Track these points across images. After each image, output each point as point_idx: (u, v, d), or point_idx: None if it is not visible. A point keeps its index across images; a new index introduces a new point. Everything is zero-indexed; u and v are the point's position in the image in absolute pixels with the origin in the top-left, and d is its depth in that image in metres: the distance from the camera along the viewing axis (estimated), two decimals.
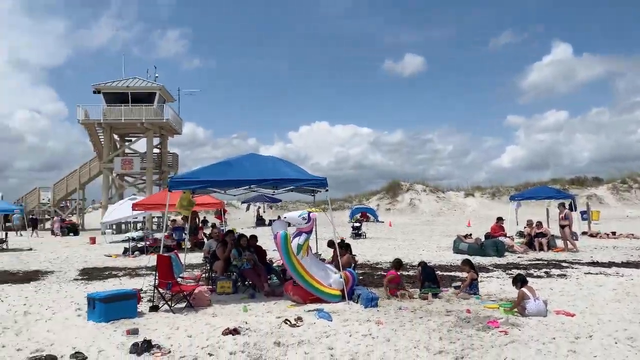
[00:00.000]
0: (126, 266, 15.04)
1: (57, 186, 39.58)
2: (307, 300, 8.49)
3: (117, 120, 35.91)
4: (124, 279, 12.32)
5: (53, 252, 19.78)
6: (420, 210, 49.54)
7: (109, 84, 36.32)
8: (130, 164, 36.84)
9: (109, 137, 37.03)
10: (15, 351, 5.89)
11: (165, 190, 21.40)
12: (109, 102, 36.03)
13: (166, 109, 37.42)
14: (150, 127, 36.53)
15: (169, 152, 41.21)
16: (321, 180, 9.38)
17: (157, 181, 39.38)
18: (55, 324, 7.36)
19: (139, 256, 18.12)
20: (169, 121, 37.19)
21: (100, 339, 6.40)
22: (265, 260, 10.90)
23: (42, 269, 14.63)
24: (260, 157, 10.57)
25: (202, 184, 9.27)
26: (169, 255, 8.53)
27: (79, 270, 14.08)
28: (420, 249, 18.82)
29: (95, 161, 38.72)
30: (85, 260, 16.78)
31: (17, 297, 9.75)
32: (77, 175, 39.44)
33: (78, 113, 36.00)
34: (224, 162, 9.98)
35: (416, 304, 8.34)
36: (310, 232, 9.03)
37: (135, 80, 37.13)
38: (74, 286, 11.20)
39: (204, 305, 8.41)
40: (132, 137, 39.67)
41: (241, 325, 6.91)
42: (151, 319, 7.51)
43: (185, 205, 9.78)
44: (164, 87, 37.48)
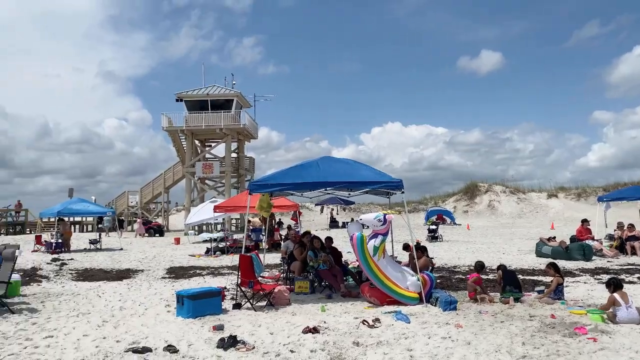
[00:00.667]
0: (209, 265, 15.74)
1: (144, 190, 42.04)
2: (384, 302, 8.53)
3: (197, 127, 37.58)
4: (208, 277, 12.92)
5: (142, 252, 21.07)
6: (499, 212, 47.79)
7: (190, 92, 38.09)
8: (210, 168, 38.42)
9: (190, 142, 38.82)
10: (115, 342, 6.39)
11: (243, 193, 22.25)
12: (190, 110, 37.79)
13: (243, 114, 38.68)
14: (228, 133, 37.91)
15: (245, 156, 42.56)
16: (397, 182, 9.38)
17: (235, 184, 40.75)
18: (148, 318, 7.89)
19: (220, 256, 18.90)
20: (246, 126, 38.41)
21: (189, 333, 6.80)
22: (340, 262, 11.05)
23: (132, 267, 15.65)
24: (335, 160, 10.72)
25: (281, 186, 9.58)
26: (250, 255, 8.87)
27: (166, 269, 14.92)
28: (500, 253, 18.23)
29: (179, 166, 40.73)
30: (171, 260, 17.74)
31: (112, 294, 10.52)
32: (162, 179, 41.70)
33: (162, 121, 38.08)
34: (300, 165, 10.23)
35: (497, 308, 8.13)
36: (387, 234, 9.05)
37: (214, 87, 38.69)
38: (163, 284, 11.91)
39: (283, 304, 8.68)
40: (212, 142, 41.34)
41: (320, 324, 7.07)
42: (235, 316, 7.87)
43: (265, 207, 10.14)
44: (241, 93, 38.78)
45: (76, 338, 6.64)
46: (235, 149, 41.07)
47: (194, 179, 39.28)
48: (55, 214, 22.55)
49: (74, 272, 14.42)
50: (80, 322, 7.68)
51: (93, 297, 10.16)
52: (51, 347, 6.23)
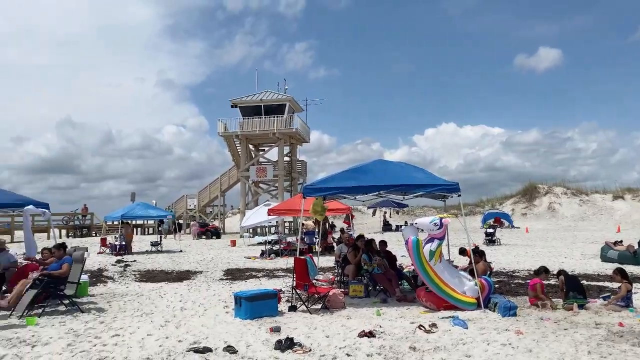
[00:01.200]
0: (264, 267, 16.01)
1: (201, 193, 43.27)
2: (440, 307, 8.41)
3: (251, 132, 38.34)
4: (263, 279, 13.15)
5: (200, 254, 21.69)
6: (560, 214, 45.93)
7: (244, 98, 38.92)
8: (264, 172, 39.10)
9: (245, 147, 39.64)
10: (177, 342, 6.63)
11: (297, 197, 22.48)
12: (245, 115, 38.62)
13: (295, 118, 39.10)
14: (281, 137, 38.45)
15: (298, 159, 43.01)
16: (453, 185, 9.23)
17: (288, 187, 41.24)
18: (208, 319, 8.13)
19: (274, 258, 19.18)
20: (298, 130, 38.81)
21: (247, 334, 6.95)
22: (395, 266, 10.97)
23: (191, 269, 16.15)
24: (389, 163, 10.69)
25: (334, 190, 9.63)
26: (304, 258, 8.97)
27: (223, 271, 15.30)
28: (561, 257, 17.53)
29: (234, 170, 41.67)
30: (228, 262, 18.17)
31: (173, 294, 10.90)
32: (218, 183, 42.79)
33: (218, 127, 39.13)
34: (353, 169, 10.26)
35: (559, 315, 7.84)
36: (443, 238, 8.92)
37: (267, 93, 39.36)
38: (221, 285, 12.22)
39: (338, 307, 8.71)
40: (265, 146, 42.04)
41: (376, 328, 7.06)
42: (291, 318, 7.98)
43: (319, 210, 10.21)
44: (293, 98, 39.25)
45: (141, 337, 6.93)
46: (287, 153, 41.57)
47: (248, 183, 40.05)
48: (119, 217, 23.59)
49: (137, 273, 15.04)
50: (144, 321, 8.01)
51: (155, 297, 10.56)
52: (118, 345, 6.53)
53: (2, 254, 10.21)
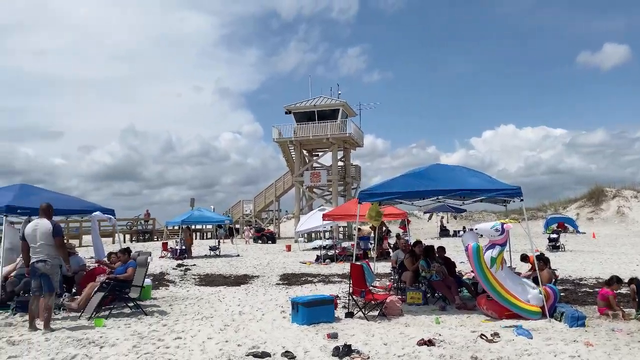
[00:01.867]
0: (319, 273, 16.04)
1: (257, 199, 44.02)
2: (502, 315, 8.11)
3: (305, 137, 38.67)
4: (319, 285, 13.17)
5: (256, 259, 22.02)
6: (630, 219, 43.46)
7: (298, 105, 39.33)
8: (318, 177, 39.30)
9: (299, 153, 40.02)
10: (236, 346, 6.73)
11: (351, 202, 22.43)
12: (299, 121, 39.02)
13: (349, 123, 39.12)
14: (334, 142, 38.55)
15: (351, 164, 42.93)
16: (515, 189, 8.91)
17: (342, 192, 41.23)
18: (265, 324, 8.21)
19: (329, 263, 19.18)
20: (351, 135, 38.78)
21: (304, 340, 6.96)
22: (454, 273, 10.70)
23: (249, 273, 16.40)
24: (447, 167, 10.46)
25: (391, 195, 9.52)
26: (361, 264, 8.90)
27: (279, 276, 15.45)
28: (633, 264, 16.56)
29: (288, 175, 42.15)
30: (284, 267, 18.34)
31: (231, 299, 11.10)
32: (273, 188, 43.41)
33: (273, 133, 39.77)
34: (411, 173, 10.11)
35: (632, 326, 7.38)
36: (505, 244, 8.61)
37: (321, 98, 39.61)
38: (277, 290, 12.34)
39: (395, 315, 8.58)
40: (319, 151, 42.25)
41: (435, 337, 6.90)
42: (347, 325, 7.93)
43: (374, 216, 10.14)
44: (347, 102, 39.29)
45: (202, 340, 7.08)
46: (341, 158, 41.60)
47: (302, 188, 40.35)
48: (180, 222, 24.34)
49: (197, 277, 15.43)
50: (205, 325, 8.19)
51: (215, 301, 10.79)
52: (180, 348, 6.70)
53: (72, 257, 10.73)
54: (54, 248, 7.78)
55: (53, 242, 7.75)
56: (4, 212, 9.55)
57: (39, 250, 7.73)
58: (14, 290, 9.85)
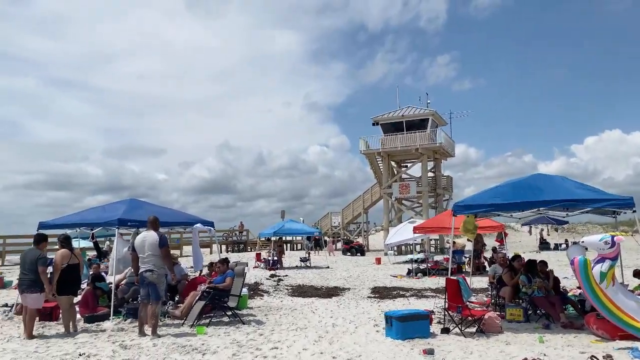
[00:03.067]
0: (411, 287, 15.73)
1: (345, 211, 44.24)
2: (615, 336, 7.47)
3: (393, 148, 38.33)
4: (412, 299, 12.91)
5: (346, 271, 22.06)
6: None
7: (385, 115, 39.14)
8: (407, 188, 38.74)
9: (387, 164, 39.73)
10: (331, 358, 6.75)
11: (444, 214, 21.82)
12: (386, 132, 38.78)
13: (439, 133, 38.24)
14: (424, 152, 37.85)
15: (442, 175, 41.88)
16: (627, 200, 8.24)
17: (433, 204, 40.30)
18: (359, 337, 8.17)
19: (421, 277, 18.77)
20: (442, 145, 37.87)
21: (399, 355, 6.83)
22: (558, 289, 10.04)
23: (339, 285, 16.46)
24: (548, 177, 9.90)
25: (488, 207, 9.16)
26: (457, 279, 8.61)
27: (370, 289, 15.35)
28: None
29: (376, 187, 41.95)
30: (374, 280, 18.20)
31: (324, 310, 11.18)
32: (361, 200, 43.42)
33: (360, 145, 39.79)
34: (509, 184, 9.67)
35: None
36: (616, 258, 7.96)
37: (409, 108, 39.15)
38: (369, 303, 12.26)
39: (494, 332, 8.20)
40: (408, 162, 41.70)
41: (539, 356, 6.50)
42: (444, 341, 7.68)
43: (470, 229, 9.79)
44: (436, 112, 38.50)
45: (297, 351, 7.19)
46: (431, 169, 40.75)
47: (391, 200, 39.97)
48: (272, 234, 25.03)
49: (289, 288, 15.74)
50: (299, 335, 8.30)
51: (308, 312, 10.93)
52: (277, 358, 6.84)
53: (175, 267, 11.37)
54: (160, 258, 8.29)
55: (159, 253, 8.27)
56: (116, 224, 10.34)
57: (147, 260, 8.26)
58: (124, 297, 10.61)
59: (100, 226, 11.44)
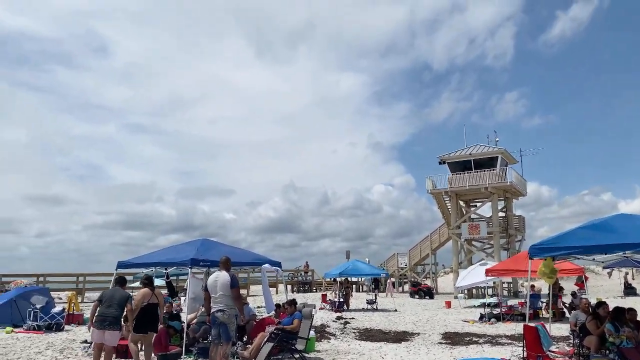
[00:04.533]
0: (485, 333, 14.98)
1: (412, 251, 43.30)
2: None
3: (461, 188, 37.45)
4: (485, 346, 12.27)
5: (414, 314, 21.40)
6: None
7: (452, 154, 38.49)
8: (477, 229, 37.49)
9: (455, 204, 38.79)
10: None
11: (518, 256, 20.87)
12: (454, 171, 38.05)
13: (509, 171, 37.13)
14: (494, 192, 36.69)
15: (514, 214, 40.26)
16: None
17: (504, 245, 38.69)
18: None
19: (495, 323, 17.87)
20: (513, 184, 36.64)
21: None
22: None
23: (408, 330, 15.95)
24: (631, 217, 9.26)
25: (567, 250, 8.66)
26: (536, 326, 8.13)
27: (441, 334, 14.76)
28: None
29: (444, 227, 40.90)
30: (445, 324, 17.51)
31: (393, 356, 10.84)
32: (428, 241, 42.38)
33: (426, 184, 39.22)
34: (590, 225, 9.13)
35: None
36: None
37: (477, 147, 38.33)
38: (440, 349, 11.77)
39: None
40: (477, 202, 40.50)
41: None
42: None
43: (548, 272, 9.26)
44: (505, 150, 37.49)
45: None
46: (502, 208, 39.32)
47: (460, 241, 38.77)
48: (337, 274, 24.85)
49: (356, 331, 15.43)
50: None
51: (377, 358, 10.63)
52: None
53: (245, 307, 11.50)
54: (231, 299, 8.42)
55: (231, 293, 8.40)
56: (188, 264, 10.66)
57: (218, 300, 8.41)
58: (194, 336, 10.81)
59: (174, 266, 11.84)
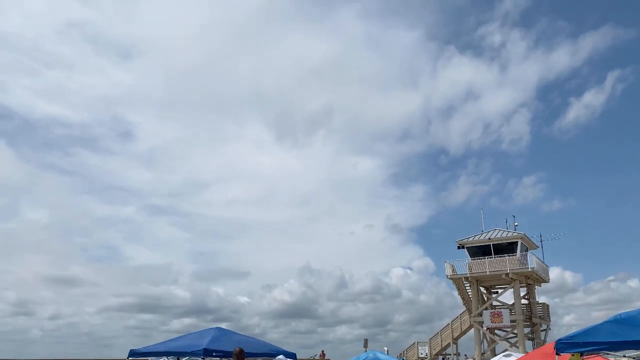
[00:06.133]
0: None
1: (432, 340, 41.57)
2: None
3: (482, 273, 36.59)
4: None
5: None
6: None
7: (471, 239, 38.01)
8: (500, 317, 36.13)
9: (475, 290, 37.74)
10: None
11: (544, 348, 19.83)
12: (473, 256, 37.38)
13: (529, 256, 36.35)
14: (515, 278, 35.74)
15: (537, 302, 38.93)
16: None
17: (529, 334, 37.06)
18: None
19: None
20: (534, 270, 35.72)
21: None
22: None
23: None
24: None
25: (596, 346, 8.24)
26: None
27: None
28: None
29: (465, 315, 39.53)
30: None
31: None
32: (449, 329, 40.81)
33: (446, 269, 38.39)
34: (618, 319, 8.74)
35: None
36: None
37: (496, 231, 37.90)
38: None
39: None
40: (498, 288, 39.37)
41: None
42: None
43: None
44: (525, 234, 36.97)
45: None
46: (524, 295, 38.10)
47: (482, 329, 37.27)
48: None
49: None
50: None
51: None
52: None
53: None
54: None
55: None
56: (201, 354, 10.35)
57: None
58: None
59: (187, 355, 11.49)
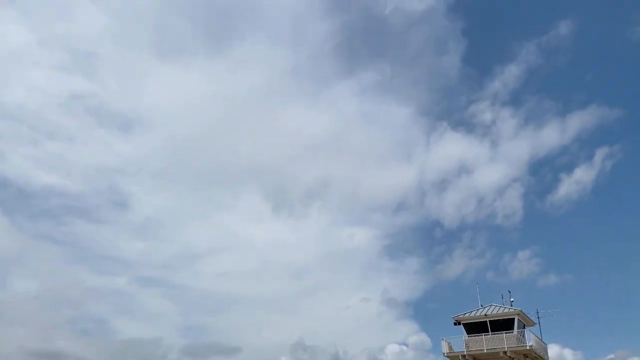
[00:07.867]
0: None
1: None
2: None
3: (479, 351, 35.79)
4: None
5: None
6: None
7: (467, 314, 37.45)
8: None
9: None
10: None
11: None
12: (470, 332, 36.72)
13: (527, 334, 35.80)
14: (513, 356, 34.94)
15: None
16: None
17: None
18: None
19: None
20: (533, 347, 35.00)
21: None
22: None
23: None
24: None
25: None
26: None
27: None
28: None
29: None
30: None
31: None
32: None
33: (442, 347, 37.49)
34: None
35: None
36: None
37: (492, 307, 37.48)
38: None
39: None
40: None
41: None
42: None
43: None
44: (522, 310, 36.55)
45: None
46: None
47: None
48: None
49: None
50: None
51: None
52: None
53: None
54: None
55: None
56: None
57: None
58: None
59: None
